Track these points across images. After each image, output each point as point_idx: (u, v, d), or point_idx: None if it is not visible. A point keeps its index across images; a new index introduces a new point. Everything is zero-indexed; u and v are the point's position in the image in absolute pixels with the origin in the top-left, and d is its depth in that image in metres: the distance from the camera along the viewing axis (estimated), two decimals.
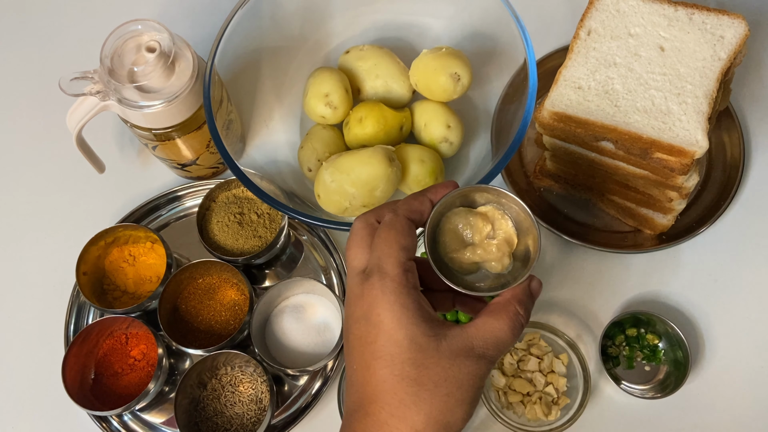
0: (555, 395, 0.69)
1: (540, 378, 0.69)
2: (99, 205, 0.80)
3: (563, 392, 0.69)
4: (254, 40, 0.72)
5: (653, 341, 0.70)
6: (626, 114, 0.62)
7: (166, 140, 0.69)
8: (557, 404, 0.68)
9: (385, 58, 0.74)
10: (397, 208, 0.48)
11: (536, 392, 0.69)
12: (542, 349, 0.70)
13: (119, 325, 0.71)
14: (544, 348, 0.70)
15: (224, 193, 0.75)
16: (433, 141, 0.72)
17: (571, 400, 0.68)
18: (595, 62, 0.65)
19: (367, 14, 0.78)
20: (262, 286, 0.76)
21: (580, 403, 0.66)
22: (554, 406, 0.68)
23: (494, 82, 0.75)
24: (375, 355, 0.43)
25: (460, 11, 0.75)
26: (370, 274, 0.44)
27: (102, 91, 0.64)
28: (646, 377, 0.70)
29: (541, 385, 0.69)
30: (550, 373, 0.69)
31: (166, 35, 0.64)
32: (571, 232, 0.72)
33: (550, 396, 0.69)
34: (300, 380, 0.72)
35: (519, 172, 0.76)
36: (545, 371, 0.69)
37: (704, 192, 0.74)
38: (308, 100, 0.73)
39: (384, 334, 0.42)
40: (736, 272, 0.73)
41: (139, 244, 0.75)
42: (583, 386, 0.67)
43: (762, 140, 0.77)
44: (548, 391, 0.69)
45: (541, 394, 0.68)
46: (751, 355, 0.71)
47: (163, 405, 0.72)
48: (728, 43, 0.63)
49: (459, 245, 0.50)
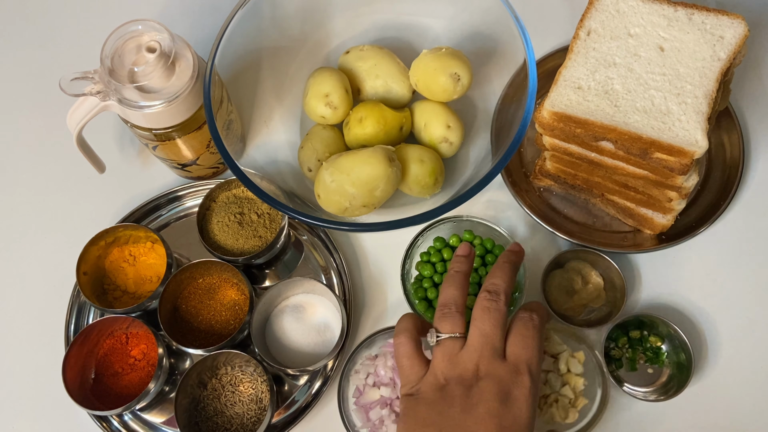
0: (572, 396, 0.65)
1: (555, 379, 0.65)
2: (99, 205, 0.80)
3: (580, 392, 0.65)
4: (254, 40, 0.72)
5: (656, 343, 0.70)
6: (626, 114, 0.62)
7: (167, 140, 0.69)
8: (575, 406, 0.65)
9: (385, 58, 0.74)
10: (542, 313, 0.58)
11: (552, 394, 0.65)
12: (556, 347, 0.66)
13: (119, 325, 0.71)
14: (558, 346, 0.66)
15: (224, 193, 0.75)
16: (433, 141, 0.72)
17: (588, 401, 0.65)
18: (595, 62, 0.65)
19: (367, 14, 0.78)
20: (262, 286, 0.76)
21: (600, 403, 0.65)
22: (571, 409, 0.65)
23: (494, 82, 0.76)
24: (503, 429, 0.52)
25: (460, 11, 0.76)
26: (521, 370, 0.54)
27: (102, 92, 0.64)
28: (649, 379, 0.70)
29: (557, 387, 0.65)
30: (566, 374, 0.66)
31: (167, 35, 0.64)
32: (571, 232, 0.72)
33: (567, 398, 0.65)
34: (300, 380, 0.72)
35: (519, 172, 0.76)
36: (561, 371, 0.66)
37: (704, 192, 0.74)
38: (308, 100, 0.73)
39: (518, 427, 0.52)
40: (736, 272, 0.73)
41: (139, 244, 0.75)
42: (602, 385, 0.65)
43: (762, 140, 0.77)
44: (565, 393, 0.65)
45: (557, 396, 0.65)
46: (752, 356, 0.71)
47: (163, 405, 0.72)
48: (728, 43, 0.63)
49: None
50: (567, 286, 0.71)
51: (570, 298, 0.71)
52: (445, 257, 0.71)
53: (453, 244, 0.71)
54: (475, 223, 0.72)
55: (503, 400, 0.53)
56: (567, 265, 0.72)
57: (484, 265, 0.70)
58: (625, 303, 0.69)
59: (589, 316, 0.72)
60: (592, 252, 0.71)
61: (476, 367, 0.54)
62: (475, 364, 0.54)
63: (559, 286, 0.71)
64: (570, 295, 0.71)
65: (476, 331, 0.55)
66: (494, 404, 0.52)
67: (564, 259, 0.72)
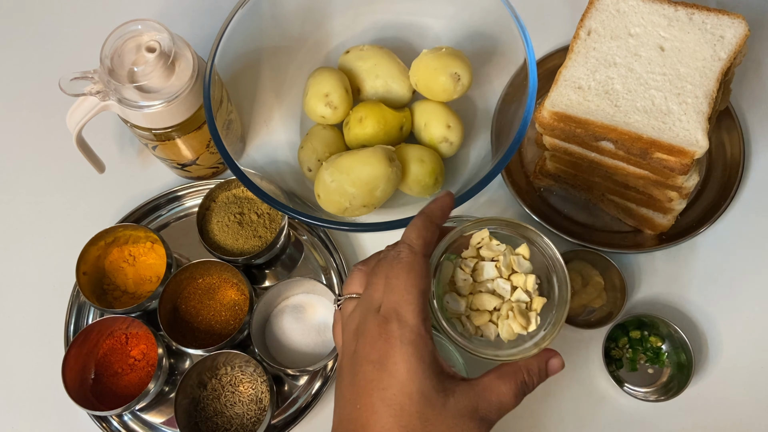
0: (527, 299, 0.52)
1: (503, 284, 0.52)
2: (99, 205, 0.80)
3: (535, 291, 0.53)
4: (254, 40, 0.72)
5: (656, 344, 0.70)
6: (626, 114, 0.62)
7: (166, 140, 0.69)
8: (534, 309, 0.53)
9: (385, 58, 0.74)
10: (411, 240, 0.48)
11: (505, 303, 0.52)
12: (494, 249, 0.53)
13: (119, 325, 0.71)
14: (496, 247, 0.53)
15: (224, 193, 0.75)
16: (433, 141, 0.72)
17: (549, 299, 0.53)
18: (595, 62, 0.65)
19: (367, 14, 0.78)
20: (262, 286, 0.76)
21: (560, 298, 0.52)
22: (531, 313, 0.52)
23: (494, 82, 0.75)
24: (385, 402, 0.44)
25: (460, 11, 0.75)
26: (389, 318, 0.45)
27: (102, 91, 0.64)
28: (650, 380, 0.70)
29: (507, 293, 0.52)
30: (513, 275, 0.53)
31: (166, 35, 0.64)
32: (571, 232, 0.72)
33: (522, 302, 0.52)
34: (300, 380, 0.72)
35: (519, 172, 0.76)
36: (506, 274, 0.53)
37: (704, 192, 0.74)
38: (308, 100, 0.73)
39: (397, 384, 0.44)
40: (737, 272, 0.73)
41: (139, 244, 0.75)
42: (561, 273, 0.53)
43: (762, 140, 0.77)
44: (518, 297, 0.52)
45: (511, 305, 0.52)
46: (753, 356, 0.70)
47: (163, 405, 0.72)
48: (728, 43, 0.63)
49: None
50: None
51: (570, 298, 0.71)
52: None
53: None
54: None
55: (378, 361, 0.44)
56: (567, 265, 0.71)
57: None
58: (626, 303, 0.69)
59: (589, 316, 0.71)
60: (592, 252, 0.71)
61: (356, 330, 0.47)
62: (356, 325, 0.47)
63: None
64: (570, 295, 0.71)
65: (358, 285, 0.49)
66: (369, 368, 0.45)
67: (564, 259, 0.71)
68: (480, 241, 0.53)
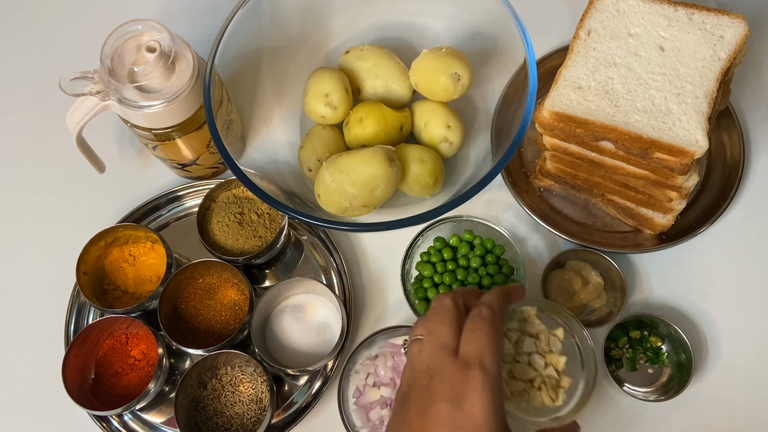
0: (557, 377, 0.60)
1: (539, 360, 0.60)
2: (99, 205, 0.80)
3: (563, 371, 0.61)
4: (254, 40, 0.72)
5: (656, 343, 0.70)
6: (626, 114, 0.62)
7: (167, 140, 0.69)
8: (561, 386, 0.60)
9: (385, 58, 0.74)
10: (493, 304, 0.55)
11: (538, 377, 0.60)
12: (537, 327, 0.62)
13: (119, 325, 0.71)
14: (537, 325, 0.62)
15: (224, 193, 0.75)
16: (433, 141, 0.72)
17: (573, 380, 0.60)
18: (595, 62, 0.65)
19: (367, 14, 0.78)
20: (262, 286, 0.76)
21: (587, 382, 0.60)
22: (559, 389, 0.60)
23: (494, 82, 0.76)
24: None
25: (460, 11, 0.76)
26: (471, 365, 0.51)
27: (102, 91, 0.64)
28: (650, 380, 0.70)
29: (541, 368, 0.60)
30: (548, 353, 0.61)
31: (166, 35, 0.64)
32: (571, 232, 0.72)
33: (553, 378, 0.60)
34: (300, 380, 0.72)
35: (519, 172, 0.76)
36: (543, 351, 0.61)
37: (704, 192, 0.74)
38: (308, 100, 0.73)
39: (472, 425, 0.49)
40: (737, 272, 0.73)
41: (139, 244, 0.75)
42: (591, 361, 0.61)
43: (762, 140, 0.77)
44: (549, 374, 0.60)
45: (543, 378, 0.60)
46: (752, 356, 0.70)
47: (163, 405, 0.72)
48: (728, 43, 0.63)
49: None
50: (567, 286, 0.71)
51: (570, 298, 0.71)
52: (445, 257, 0.71)
53: (453, 244, 0.71)
54: (475, 223, 0.72)
55: (454, 400, 0.49)
56: (567, 265, 0.72)
57: (485, 265, 0.70)
58: (626, 303, 0.69)
59: (589, 317, 0.72)
60: (592, 252, 0.71)
61: (427, 368, 0.52)
62: (427, 365, 0.52)
63: (559, 286, 0.71)
64: (570, 295, 0.71)
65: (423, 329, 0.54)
66: (444, 405, 0.49)
67: (564, 259, 0.72)
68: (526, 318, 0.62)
